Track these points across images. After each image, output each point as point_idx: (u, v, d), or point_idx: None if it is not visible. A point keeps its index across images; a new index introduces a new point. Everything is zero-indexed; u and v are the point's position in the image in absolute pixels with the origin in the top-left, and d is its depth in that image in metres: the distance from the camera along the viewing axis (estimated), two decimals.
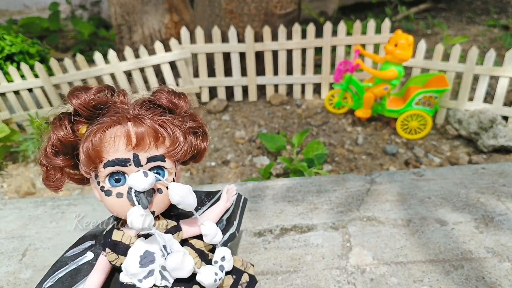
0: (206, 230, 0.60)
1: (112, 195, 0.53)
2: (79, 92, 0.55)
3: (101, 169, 0.52)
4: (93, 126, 0.53)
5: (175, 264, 0.53)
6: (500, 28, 2.79)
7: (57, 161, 0.56)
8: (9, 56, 1.90)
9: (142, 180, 0.51)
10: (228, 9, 1.97)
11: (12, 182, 1.54)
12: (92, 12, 3.80)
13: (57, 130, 0.55)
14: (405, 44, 1.57)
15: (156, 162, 0.54)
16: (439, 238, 1.01)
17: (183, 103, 0.59)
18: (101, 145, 0.51)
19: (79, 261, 0.63)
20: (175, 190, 0.54)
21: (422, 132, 1.67)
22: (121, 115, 0.53)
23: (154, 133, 0.53)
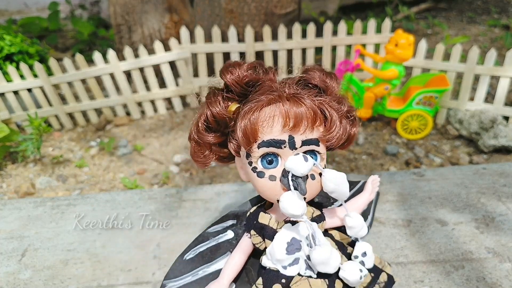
0: (353, 222, 0.56)
1: (265, 177, 0.51)
2: (233, 68, 0.53)
3: (255, 149, 0.50)
4: (252, 103, 0.50)
5: (322, 258, 0.50)
6: (501, 28, 2.79)
7: (209, 137, 0.55)
8: (8, 56, 1.90)
9: (302, 164, 0.48)
10: (228, 9, 1.96)
11: (12, 182, 1.54)
12: (92, 11, 3.80)
13: (212, 106, 0.53)
14: (406, 44, 1.57)
15: (310, 146, 0.51)
16: (439, 239, 1.00)
17: (335, 84, 0.56)
18: (257, 123, 0.49)
19: (219, 238, 0.63)
20: (330, 177, 0.50)
21: (423, 132, 1.67)
22: (279, 93, 0.50)
23: (312, 115, 0.49)
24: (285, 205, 0.49)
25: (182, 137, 1.81)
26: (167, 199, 1.22)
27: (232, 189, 1.23)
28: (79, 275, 0.96)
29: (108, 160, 1.67)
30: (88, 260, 1.00)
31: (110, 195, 1.27)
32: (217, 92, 0.55)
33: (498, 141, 1.53)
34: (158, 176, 1.53)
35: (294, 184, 0.49)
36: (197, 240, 0.63)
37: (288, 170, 0.49)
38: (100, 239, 1.07)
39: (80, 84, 1.88)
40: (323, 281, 0.54)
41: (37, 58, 1.98)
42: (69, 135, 1.89)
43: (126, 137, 1.83)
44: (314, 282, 0.53)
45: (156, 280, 0.92)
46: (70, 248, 1.04)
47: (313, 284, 0.53)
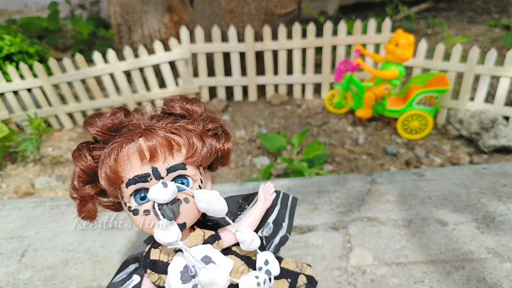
0: (242, 236, 0.58)
1: (140, 214, 0.52)
2: (93, 119, 0.55)
3: (124, 189, 0.51)
4: (106, 149, 0.52)
5: (207, 279, 0.51)
6: (501, 28, 2.79)
7: (87, 190, 0.55)
8: (8, 55, 1.90)
9: (162, 191, 0.49)
10: (228, 9, 1.96)
11: (11, 183, 1.54)
12: (92, 11, 3.80)
13: (78, 161, 0.55)
14: (406, 44, 1.57)
15: (176, 171, 0.52)
16: (439, 239, 1.00)
17: (196, 107, 0.58)
18: (117, 166, 0.50)
19: (127, 285, 0.62)
20: (201, 198, 0.52)
21: (423, 132, 1.67)
22: (132, 132, 0.52)
23: (167, 143, 0.51)
24: (157, 236, 0.50)
25: None
26: None
27: (232, 189, 1.23)
28: (79, 275, 0.96)
29: None
30: (88, 260, 1.00)
31: None
32: (81, 146, 0.56)
33: (498, 141, 1.53)
34: None
35: (161, 212, 0.50)
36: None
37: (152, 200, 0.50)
38: (100, 239, 1.07)
39: (80, 84, 1.88)
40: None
41: (37, 58, 1.98)
42: (69, 135, 1.89)
43: None
44: None
45: None
46: (70, 248, 1.04)
47: None
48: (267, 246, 0.68)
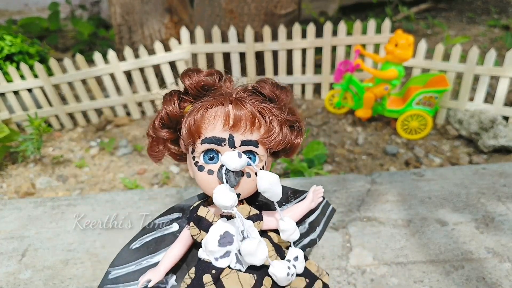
0: (285, 225, 0.60)
1: (204, 171, 0.55)
2: (192, 73, 0.58)
3: (198, 145, 0.55)
4: (198, 103, 0.55)
5: (249, 249, 0.54)
6: (501, 28, 2.79)
7: (163, 133, 0.60)
8: (8, 56, 1.90)
9: (235, 159, 0.52)
10: (228, 9, 1.96)
11: (12, 183, 1.54)
12: (92, 12, 3.80)
13: (167, 105, 0.59)
14: (406, 44, 1.57)
15: (249, 146, 0.55)
16: (439, 239, 1.00)
17: (284, 96, 0.61)
18: (201, 121, 0.54)
19: (165, 230, 0.66)
20: (264, 177, 0.54)
21: (423, 132, 1.67)
22: (224, 96, 0.55)
23: (251, 118, 0.54)
24: (216, 196, 0.52)
25: None
26: (167, 199, 1.22)
27: None
28: (79, 275, 0.96)
29: (108, 160, 1.67)
30: (88, 260, 1.00)
31: (110, 195, 1.27)
32: (174, 93, 0.60)
33: (498, 141, 1.53)
34: (158, 176, 1.53)
35: (226, 177, 0.53)
36: (144, 230, 0.66)
37: (222, 165, 0.53)
38: (100, 239, 1.07)
39: (81, 84, 1.88)
40: (251, 276, 0.57)
41: (37, 58, 1.98)
42: (69, 135, 1.89)
43: (126, 137, 1.83)
44: (243, 276, 0.57)
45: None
46: (70, 248, 1.04)
47: (241, 277, 0.56)
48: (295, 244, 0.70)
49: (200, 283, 0.57)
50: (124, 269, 0.64)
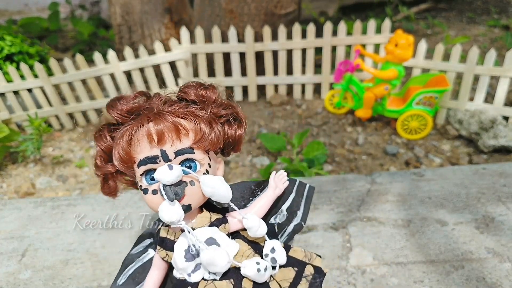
0: (248, 223, 0.59)
1: (149, 193, 0.55)
2: (114, 103, 0.58)
3: (136, 169, 0.55)
4: (120, 131, 0.55)
5: (207, 259, 0.54)
6: (501, 28, 2.79)
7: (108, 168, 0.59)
8: (8, 56, 1.90)
9: (167, 173, 0.52)
10: (228, 9, 1.96)
11: (12, 183, 1.54)
12: (92, 12, 3.80)
13: (99, 141, 0.58)
14: (406, 44, 1.57)
15: (184, 155, 0.54)
16: (439, 239, 1.00)
17: (211, 93, 0.61)
18: (129, 147, 0.54)
19: (143, 258, 0.66)
20: (206, 182, 0.54)
21: (423, 132, 1.67)
22: (143, 116, 0.55)
23: (174, 127, 0.54)
24: (161, 214, 0.52)
25: None
26: None
27: None
28: (79, 275, 0.96)
29: None
30: (88, 260, 1.00)
31: None
32: (102, 127, 0.59)
33: (498, 141, 1.53)
34: None
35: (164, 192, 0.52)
36: (124, 264, 0.66)
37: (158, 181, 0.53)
38: (100, 239, 1.07)
39: (80, 84, 1.88)
40: (228, 282, 0.56)
41: (37, 58, 1.98)
42: (69, 135, 1.89)
43: None
44: (219, 285, 0.56)
45: None
46: (70, 248, 1.04)
47: (218, 286, 0.55)
48: (279, 233, 0.69)
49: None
50: None
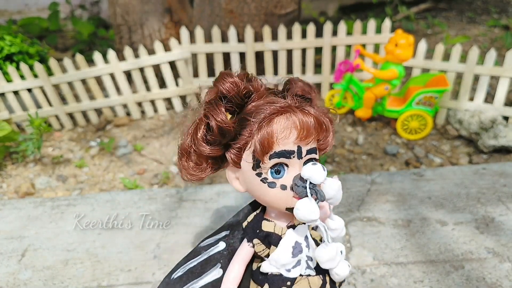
0: (335, 224, 0.60)
1: (276, 187, 0.53)
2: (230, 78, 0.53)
3: (266, 160, 0.52)
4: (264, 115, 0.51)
5: (329, 255, 0.53)
6: (501, 28, 2.79)
7: (206, 149, 0.54)
8: (8, 56, 1.90)
9: (321, 173, 0.51)
10: (228, 9, 1.96)
11: (12, 182, 1.54)
12: (92, 12, 3.80)
13: (216, 115, 0.52)
14: (406, 44, 1.57)
15: (311, 154, 0.54)
16: (439, 239, 1.00)
17: (315, 94, 0.59)
18: (274, 135, 0.50)
19: (210, 251, 0.63)
20: (331, 185, 0.53)
21: (423, 132, 1.67)
22: (289, 106, 0.52)
23: (319, 124, 0.52)
24: (303, 212, 0.51)
25: None
26: (167, 199, 1.22)
27: (232, 189, 1.23)
28: (79, 275, 0.96)
29: (108, 160, 1.67)
30: (88, 260, 1.00)
31: (110, 195, 1.27)
32: (218, 102, 0.54)
33: (498, 141, 1.53)
34: (158, 176, 1.53)
35: (311, 191, 0.51)
36: (188, 256, 0.64)
37: (306, 179, 0.51)
38: (100, 239, 1.07)
39: (80, 84, 1.88)
40: (319, 278, 0.58)
41: (37, 58, 1.98)
42: (69, 135, 1.89)
43: (126, 137, 1.83)
44: (312, 280, 0.57)
45: (156, 280, 0.92)
46: (70, 248, 1.04)
47: (311, 281, 0.57)
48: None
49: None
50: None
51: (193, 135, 0.55)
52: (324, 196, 0.52)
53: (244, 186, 0.57)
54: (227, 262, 0.62)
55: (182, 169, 0.58)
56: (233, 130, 0.53)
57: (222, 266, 0.62)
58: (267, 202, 0.56)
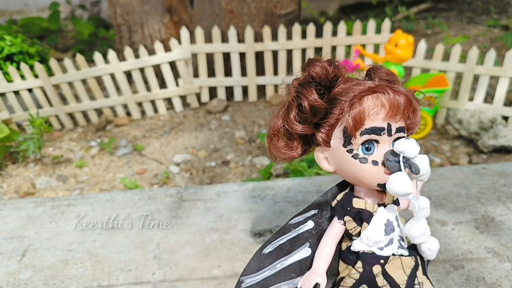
0: (423, 203, 0.61)
1: (368, 163, 0.54)
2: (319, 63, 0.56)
3: (358, 136, 0.54)
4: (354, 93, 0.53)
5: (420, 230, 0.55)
6: (501, 28, 2.79)
7: (299, 127, 0.57)
8: (8, 56, 1.90)
9: (415, 146, 0.52)
10: (228, 9, 1.97)
11: (12, 182, 1.54)
12: (92, 12, 3.80)
13: (309, 95, 0.55)
14: (405, 44, 1.57)
15: (400, 132, 0.55)
16: (439, 238, 1.00)
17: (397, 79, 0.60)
18: (365, 113, 0.53)
19: (300, 229, 0.63)
20: (424, 160, 0.54)
21: (422, 132, 1.67)
22: (379, 84, 0.54)
23: (408, 103, 0.54)
24: (398, 186, 0.52)
25: (182, 137, 1.81)
26: (167, 199, 1.22)
27: (232, 189, 1.23)
28: (79, 275, 0.96)
29: (108, 160, 1.67)
30: (88, 260, 1.00)
31: (110, 195, 1.27)
32: (309, 84, 0.56)
33: (498, 141, 1.53)
34: (158, 176, 1.53)
35: (406, 165, 0.53)
36: (278, 232, 0.64)
37: (399, 152, 0.53)
38: (100, 239, 1.07)
39: (81, 84, 1.88)
40: (411, 259, 0.58)
41: (38, 58, 1.98)
42: (70, 135, 1.89)
43: (126, 137, 1.83)
44: (405, 260, 0.57)
45: (156, 279, 0.92)
46: (70, 248, 1.05)
47: (404, 261, 0.57)
48: None
49: (370, 275, 0.56)
50: (258, 276, 0.62)
51: (285, 115, 0.59)
52: (419, 169, 0.52)
53: (333, 165, 0.59)
54: (315, 241, 0.62)
55: (274, 149, 0.60)
56: (324, 108, 0.55)
57: (310, 246, 0.62)
58: (358, 178, 0.56)
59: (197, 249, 1.00)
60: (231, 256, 0.97)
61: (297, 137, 0.59)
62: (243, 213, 1.12)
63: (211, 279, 0.91)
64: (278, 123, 0.59)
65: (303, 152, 0.61)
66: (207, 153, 1.67)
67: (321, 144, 0.58)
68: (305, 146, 0.61)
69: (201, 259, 0.97)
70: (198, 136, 1.81)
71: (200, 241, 1.02)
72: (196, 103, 2.04)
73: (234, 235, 1.04)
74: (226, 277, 0.91)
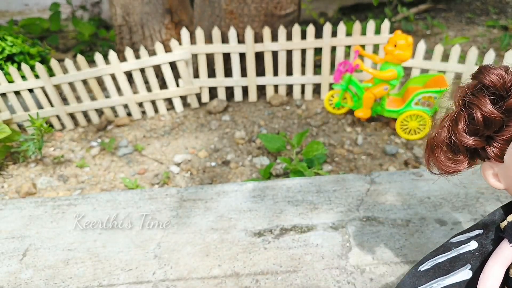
0: None
1: None
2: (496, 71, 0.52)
3: None
4: None
5: None
6: (500, 28, 2.80)
7: (469, 140, 0.53)
8: (9, 56, 1.91)
9: None
10: (228, 10, 1.97)
11: (13, 182, 1.55)
12: (93, 12, 3.81)
13: (482, 105, 0.51)
14: (405, 45, 1.58)
15: None
16: (438, 238, 1.01)
17: None
18: None
19: (461, 249, 0.59)
20: None
21: (422, 132, 1.67)
22: None
23: None
24: None
25: (183, 137, 1.82)
26: (168, 199, 1.22)
27: (232, 189, 1.23)
28: (80, 274, 0.96)
29: (109, 160, 1.67)
30: (88, 260, 1.01)
31: (110, 195, 1.28)
32: (483, 93, 0.52)
33: None
34: (158, 176, 1.54)
35: None
36: (437, 250, 0.60)
37: None
38: (100, 238, 1.08)
39: (81, 84, 1.89)
40: None
41: (38, 59, 1.99)
42: (70, 135, 1.90)
43: (127, 137, 1.84)
44: None
45: (156, 279, 0.93)
46: (70, 248, 1.05)
47: None
48: None
49: None
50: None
51: (451, 126, 0.55)
52: None
53: (505, 183, 0.54)
54: (478, 264, 0.57)
55: (436, 162, 0.57)
56: (500, 120, 0.50)
57: (471, 268, 0.57)
58: None
59: (197, 248, 1.01)
60: (231, 255, 0.98)
61: (464, 150, 0.55)
62: (243, 213, 1.12)
63: (211, 278, 0.92)
64: (444, 134, 0.55)
65: (469, 166, 0.56)
66: (207, 153, 1.68)
67: (492, 159, 0.53)
68: (471, 159, 0.56)
69: (201, 259, 0.97)
70: (198, 136, 1.82)
71: (200, 241, 1.03)
72: (197, 103, 2.05)
73: (234, 234, 1.04)
74: (226, 276, 0.92)
